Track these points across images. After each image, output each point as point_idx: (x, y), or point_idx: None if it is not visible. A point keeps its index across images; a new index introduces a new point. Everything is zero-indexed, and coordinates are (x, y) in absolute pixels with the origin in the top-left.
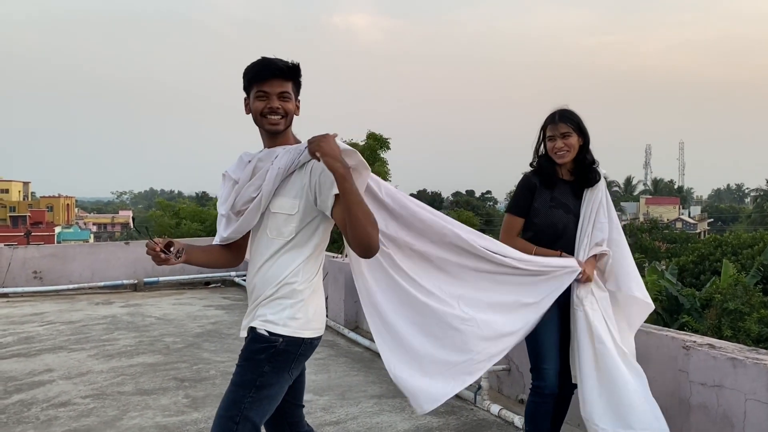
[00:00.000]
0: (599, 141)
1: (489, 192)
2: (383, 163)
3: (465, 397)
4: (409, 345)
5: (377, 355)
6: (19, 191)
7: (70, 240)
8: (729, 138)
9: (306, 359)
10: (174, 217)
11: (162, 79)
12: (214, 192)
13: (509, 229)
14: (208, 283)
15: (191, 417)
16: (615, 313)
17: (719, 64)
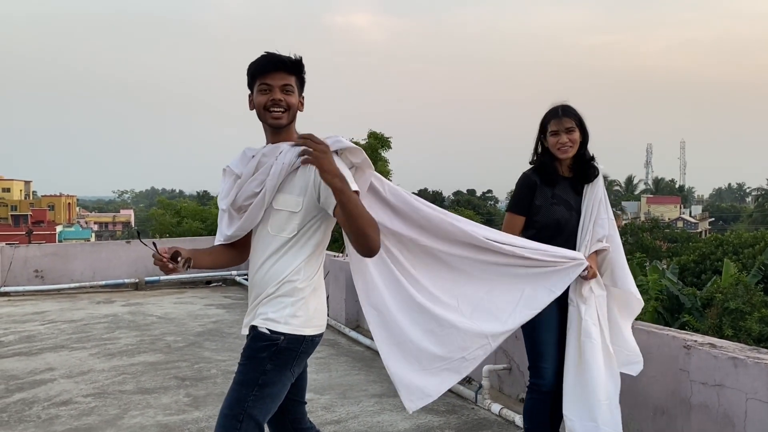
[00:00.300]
0: (600, 140)
1: (490, 191)
2: (385, 163)
3: (466, 396)
4: (408, 339)
5: (378, 354)
6: (21, 190)
7: (71, 239)
8: (730, 137)
9: (308, 357)
10: (175, 216)
11: (163, 79)
12: (215, 191)
13: (510, 228)
14: (209, 282)
15: (192, 416)
16: (610, 311)
17: (720, 63)
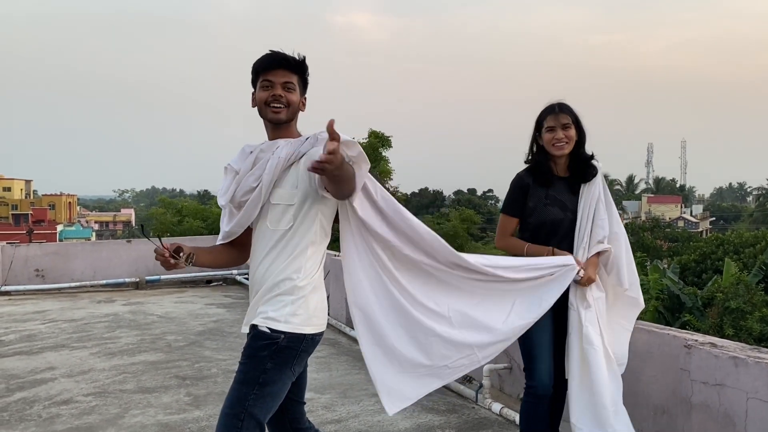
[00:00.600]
0: (601, 140)
1: (491, 190)
2: (385, 161)
3: (466, 396)
4: (391, 343)
5: None
6: (21, 189)
7: (72, 238)
8: (731, 137)
9: (308, 355)
10: (176, 215)
11: (164, 78)
12: (215, 190)
13: (503, 230)
14: (209, 282)
15: (193, 415)
16: (611, 312)
17: (720, 63)
